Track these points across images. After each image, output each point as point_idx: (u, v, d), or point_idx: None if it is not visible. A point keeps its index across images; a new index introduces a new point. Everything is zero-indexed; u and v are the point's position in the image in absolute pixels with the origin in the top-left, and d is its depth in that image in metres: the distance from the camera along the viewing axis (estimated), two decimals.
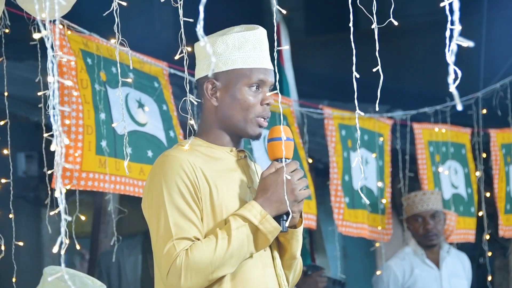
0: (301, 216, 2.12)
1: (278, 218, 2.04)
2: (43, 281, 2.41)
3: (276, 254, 2.13)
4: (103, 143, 3.12)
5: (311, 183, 4.25)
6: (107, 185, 3.10)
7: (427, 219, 4.29)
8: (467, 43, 1.28)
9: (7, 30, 2.92)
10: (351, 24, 1.76)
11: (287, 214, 2.04)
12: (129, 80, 3.22)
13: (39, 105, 2.96)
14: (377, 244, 4.83)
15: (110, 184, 3.11)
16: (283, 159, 2.05)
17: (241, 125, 2.11)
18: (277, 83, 2.03)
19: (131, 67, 2.82)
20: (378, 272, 4.30)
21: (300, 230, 2.12)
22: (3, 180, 3.06)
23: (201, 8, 1.27)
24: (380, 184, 4.62)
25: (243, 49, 2.09)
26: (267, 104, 2.12)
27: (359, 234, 4.51)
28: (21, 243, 3.01)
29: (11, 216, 2.96)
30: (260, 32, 2.13)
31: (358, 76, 1.77)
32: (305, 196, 2.04)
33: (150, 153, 3.31)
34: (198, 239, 1.99)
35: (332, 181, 4.37)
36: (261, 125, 2.12)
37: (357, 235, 4.53)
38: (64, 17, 2.86)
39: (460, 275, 4.42)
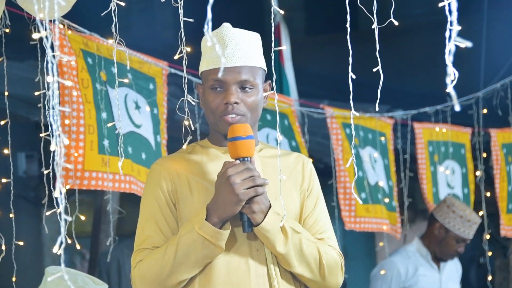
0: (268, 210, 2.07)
1: (241, 219, 2.03)
2: (44, 281, 2.41)
3: (270, 256, 2.11)
4: (106, 142, 3.11)
5: None
6: (111, 184, 3.10)
7: (464, 244, 4.20)
8: (465, 44, 1.28)
9: (7, 30, 2.92)
10: (348, 25, 1.76)
11: (247, 215, 2.03)
12: (126, 80, 3.21)
13: (39, 105, 2.96)
14: (381, 244, 4.83)
15: (114, 182, 3.11)
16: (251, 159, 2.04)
17: (214, 126, 2.15)
18: (274, 83, 2.03)
19: (128, 67, 2.82)
20: (382, 272, 4.26)
21: (263, 228, 2.03)
22: (4, 180, 3.06)
23: (209, 9, 1.28)
24: (386, 182, 4.63)
25: (208, 50, 2.12)
26: (226, 103, 2.08)
27: (380, 229, 4.50)
28: (21, 243, 3.01)
29: (11, 215, 2.96)
30: (221, 30, 2.12)
31: (354, 76, 1.76)
32: (250, 195, 1.99)
33: (144, 155, 3.31)
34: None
35: (339, 178, 4.36)
36: (229, 122, 2.09)
37: (377, 230, 4.52)
38: (65, 16, 2.86)
39: (455, 279, 4.41)
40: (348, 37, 1.78)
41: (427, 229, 4.30)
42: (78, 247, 3.13)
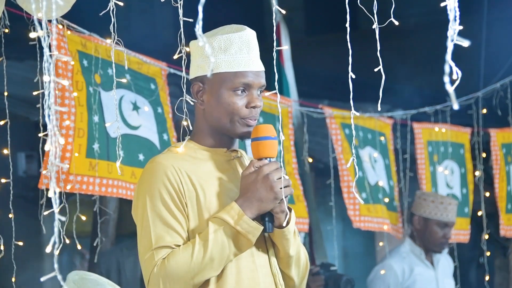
0: (291, 213, 2.11)
1: (262, 219, 2.04)
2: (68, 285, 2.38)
3: (272, 253, 2.13)
4: (95, 146, 3.09)
5: (297, 187, 4.24)
6: (97, 188, 3.08)
7: (449, 229, 4.26)
8: (465, 43, 1.28)
9: (6, 30, 2.92)
10: (347, 25, 1.76)
11: (270, 214, 2.04)
12: (124, 80, 3.20)
13: (38, 105, 2.96)
14: (380, 244, 4.83)
15: (101, 187, 3.09)
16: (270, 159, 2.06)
17: (227, 127, 2.12)
18: (276, 83, 2.03)
19: (126, 67, 2.81)
20: (382, 272, 4.27)
21: (288, 230, 2.08)
22: (3, 180, 3.06)
23: (200, 9, 1.27)
24: (387, 182, 4.63)
25: (228, 52, 2.08)
26: (253, 107, 2.10)
27: (381, 229, 4.51)
28: (20, 243, 3.01)
29: (10, 216, 2.95)
30: (246, 34, 2.11)
31: (354, 76, 1.76)
32: (286, 194, 2.02)
33: (141, 157, 3.29)
34: (179, 246, 2.01)
35: (342, 178, 4.37)
36: (249, 124, 2.11)
37: (379, 230, 4.53)
38: (64, 16, 2.86)
39: (449, 274, 4.45)
40: (347, 36, 1.78)
41: (411, 227, 4.39)
42: (79, 247, 3.12)
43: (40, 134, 2.86)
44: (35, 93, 2.85)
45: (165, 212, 2.03)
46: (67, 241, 2.85)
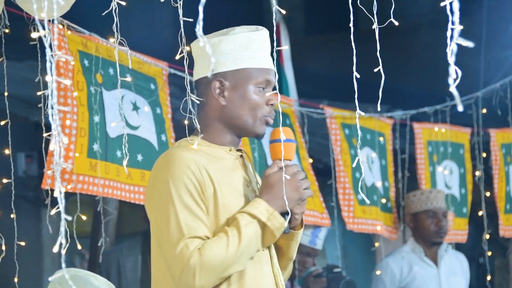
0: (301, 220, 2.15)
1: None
2: (53, 285, 2.39)
3: (273, 253, 2.14)
4: (95, 146, 3.09)
5: (313, 182, 4.25)
6: (96, 188, 3.08)
7: (440, 216, 4.33)
8: (467, 43, 1.28)
9: (7, 30, 2.92)
10: (351, 25, 1.76)
11: (288, 215, 2.05)
12: (129, 79, 3.20)
13: (39, 105, 2.96)
14: (376, 244, 4.83)
15: (99, 187, 3.09)
16: (283, 160, 2.08)
17: (248, 124, 2.11)
18: (276, 83, 2.04)
19: (129, 67, 2.81)
20: (378, 272, 4.30)
21: (300, 232, 2.13)
22: (4, 180, 3.06)
23: (201, 9, 1.27)
24: (382, 183, 4.63)
25: (250, 49, 2.10)
26: (272, 104, 2.12)
27: (374, 231, 4.52)
28: (22, 243, 3.01)
29: (12, 216, 2.95)
30: (265, 33, 2.15)
31: (358, 76, 1.77)
32: (309, 195, 2.06)
33: (139, 157, 3.27)
34: (208, 238, 1.99)
35: (339, 179, 4.37)
36: (268, 122, 2.13)
37: (372, 232, 4.54)
38: (64, 16, 2.86)
39: (458, 274, 4.44)
40: (351, 36, 1.78)
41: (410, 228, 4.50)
42: (79, 247, 3.12)
43: (45, 134, 2.85)
44: (39, 93, 2.85)
45: (193, 203, 1.99)
46: (68, 241, 2.85)
